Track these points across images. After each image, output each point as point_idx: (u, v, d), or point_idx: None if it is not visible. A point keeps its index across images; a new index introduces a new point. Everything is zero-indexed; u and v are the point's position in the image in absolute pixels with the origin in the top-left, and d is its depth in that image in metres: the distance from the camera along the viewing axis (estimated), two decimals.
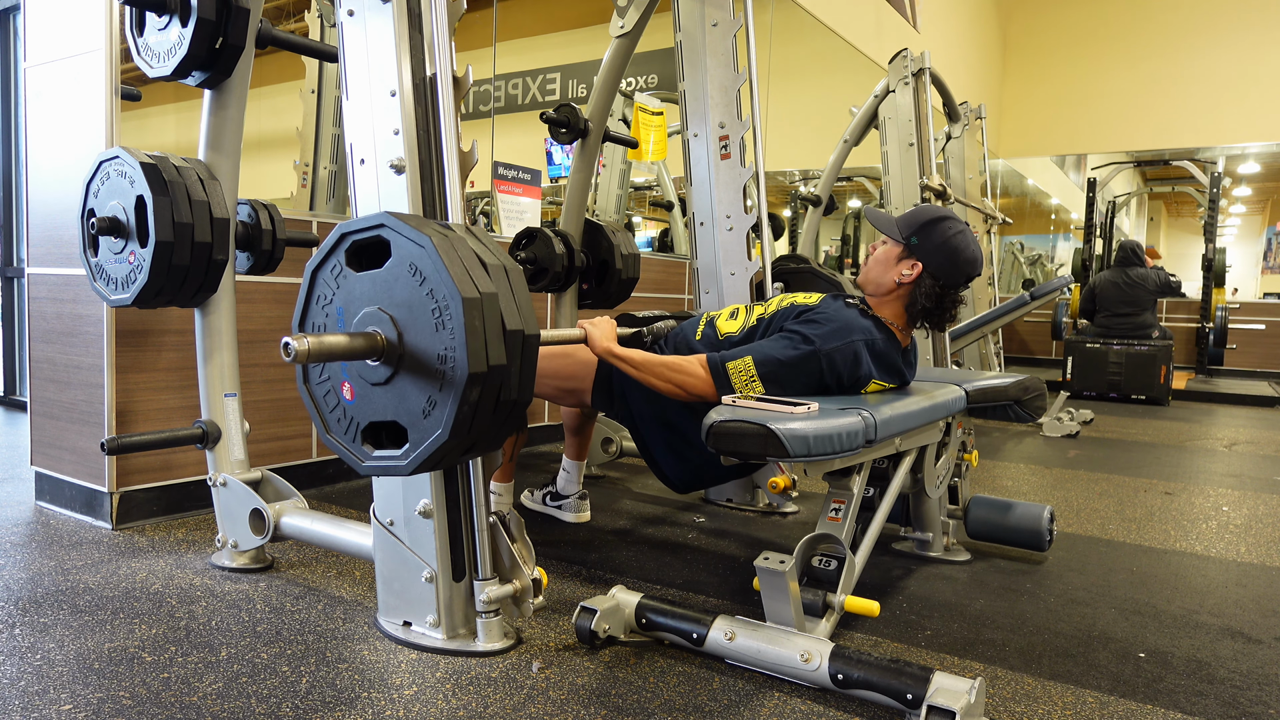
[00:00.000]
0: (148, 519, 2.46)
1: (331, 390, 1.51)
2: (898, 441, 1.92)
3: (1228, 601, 2.15)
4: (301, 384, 1.54)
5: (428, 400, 1.38)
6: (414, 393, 1.39)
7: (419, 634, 1.70)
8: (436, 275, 1.34)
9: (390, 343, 1.40)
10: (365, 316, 1.43)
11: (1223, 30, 8.79)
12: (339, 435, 1.52)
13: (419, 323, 1.37)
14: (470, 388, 1.33)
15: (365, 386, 1.45)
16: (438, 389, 1.36)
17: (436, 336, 1.35)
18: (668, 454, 2.11)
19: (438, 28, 1.67)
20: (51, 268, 2.50)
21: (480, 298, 1.35)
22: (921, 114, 4.18)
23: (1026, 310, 5.20)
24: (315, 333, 1.50)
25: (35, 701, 1.42)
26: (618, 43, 3.09)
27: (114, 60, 2.30)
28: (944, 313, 1.99)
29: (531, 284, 3.26)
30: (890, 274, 1.99)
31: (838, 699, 1.54)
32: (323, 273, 1.50)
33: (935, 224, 1.97)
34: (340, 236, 1.47)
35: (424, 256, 1.35)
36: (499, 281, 1.41)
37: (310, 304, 1.52)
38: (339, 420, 1.51)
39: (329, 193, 3.49)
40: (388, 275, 1.41)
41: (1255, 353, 8.53)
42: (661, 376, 1.89)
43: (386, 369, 1.41)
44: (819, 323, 1.91)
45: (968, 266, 1.96)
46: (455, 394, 1.34)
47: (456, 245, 1.39)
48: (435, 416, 1.37)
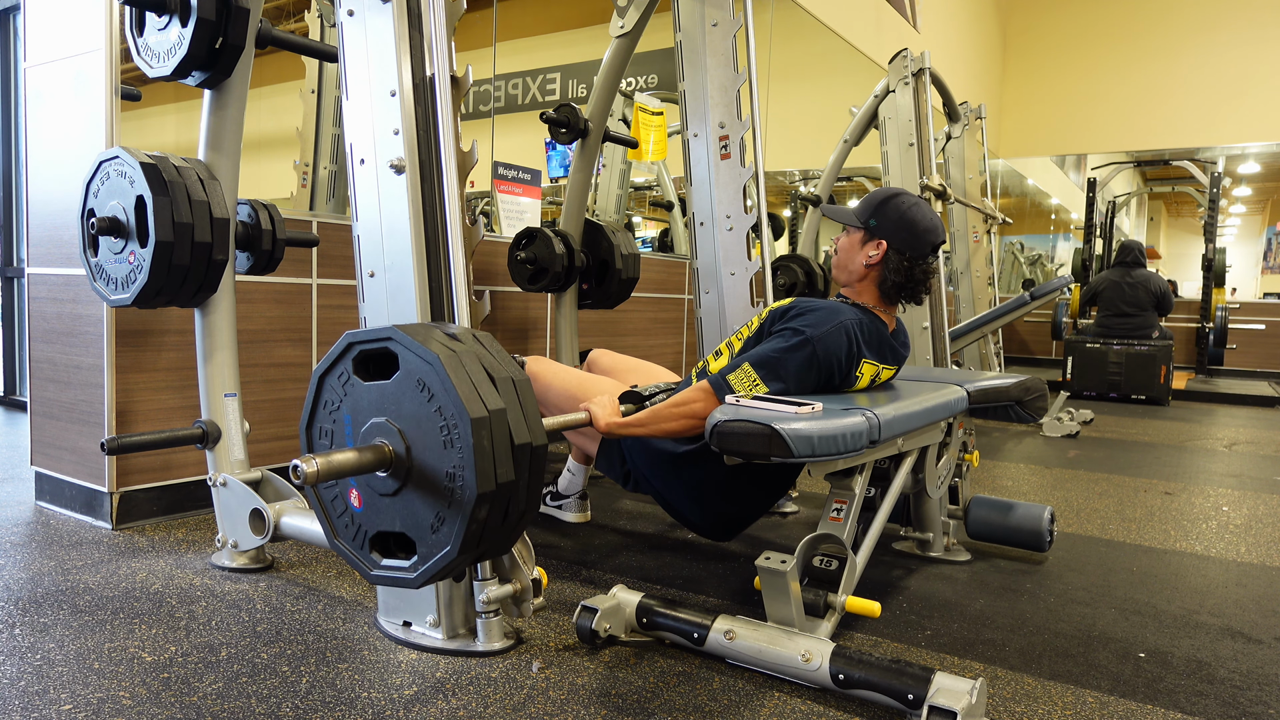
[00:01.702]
0: (148, 519, 2.46)
1: (339, 496, 1.50)
2: (900, 442, 1.92)
3: (1228, 601, 2.15)
4: (309, 491, 1.53)
5: (436, 516, 1.38)
6: (422, 507, 1.39)
7: (419, 634, 1.70)
8: (445, 394, 1.34)
9: (398, 456, 1.39)
10: (373, 427, 1.42)
11: (1223, 30, 8.79)
12: (346, 542, 1.51)
13: (427, 438, 1.37)
14: (479, 507, 1.33)
15: (373, 496, 1.44)
16: (446, 506, 1.36)
17: (445, 454, 1.35)
18: (690, 504, 2.09)
19: (437, 28, 1.67)
20: (51, 268, 2.50)
21: (489, 416, 1.34)
22: (921, 114, 4.18)
23: (1026, 310, 5.20)
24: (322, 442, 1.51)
25: (35, 701, 1.42)
26: (618, 43, 3.09)
27: (114, 60, 2.30)
28: (917, 285, 2.02)
29: (531, 284, 3.26)
30: (858, 259, 2.02)
31: (838, 699, 1.53)
32: (330, 379, 1.49)
33: (889, 201, 2.01)
34: (347, 345, 1.46)
35: (432, 374, 1.35)
36: (507, 395, 1.40)
37: (318, 409, 1.52)
38: (346, 527, 1.51)
39: (329, 193, 3.48)
40: (395, 389, 1.40)
41: (1255, 353, 8.53)
42: (670, 418, 1.88)
43: (395, 481, 1.41)
44: (804, 314, 1.93)
45: (929, 235, 1.99)
46: (464, 513, 1.34)
47: (465, 361, 1.38)
48: (444, 533, 1.37)
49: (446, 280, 1.68)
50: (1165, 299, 6.65)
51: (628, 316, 4.30)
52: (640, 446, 2.07)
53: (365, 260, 1.71)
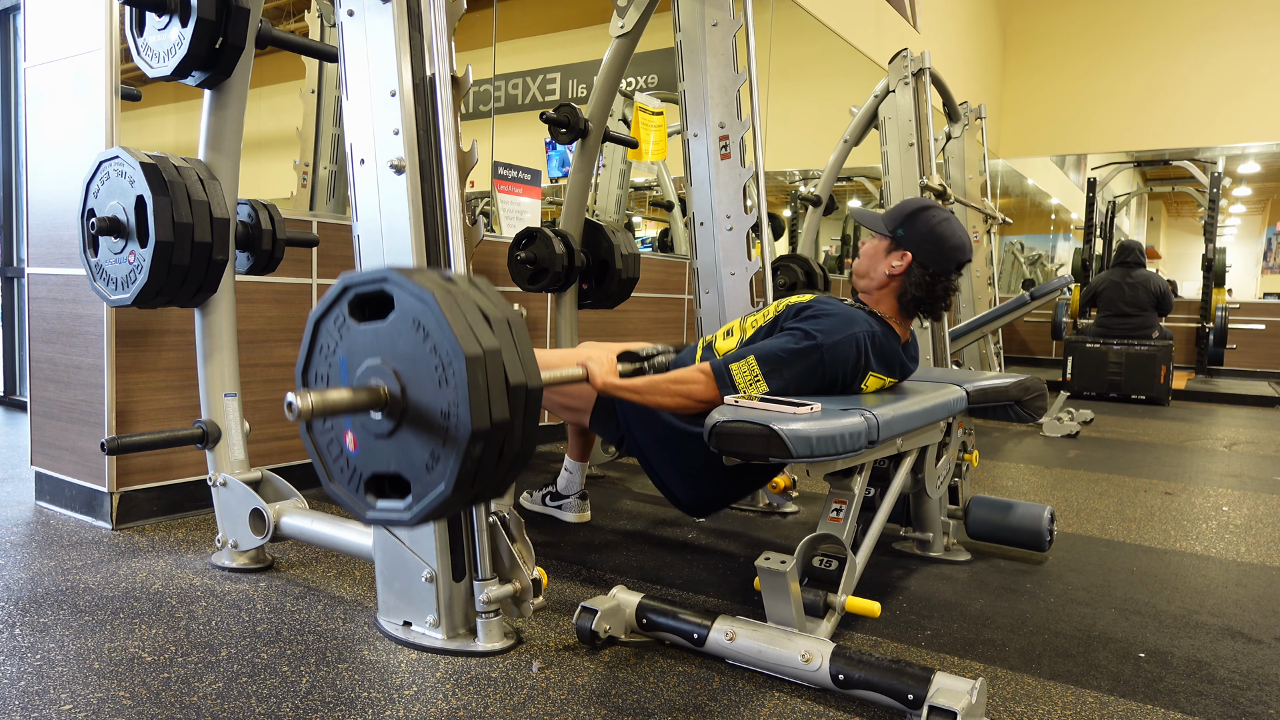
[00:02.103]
0: (148, 519, 2.46)
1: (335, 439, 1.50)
2: (899, 442, 1.92)
3: (1228, 601, 2.15)
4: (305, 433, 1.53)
5: (431, 455, 1.38)
6: (417, 446, 1.39)
7: (419, 634, 1.70)
8: (439, 332, 1.34)
9: (393, 396, 1.40)
10: (368, 369, 1.42)
11: (1223, 30, 8.79)
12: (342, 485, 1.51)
13: (422, 378, 1.37)
14: (473, 444, 1.33)
15: (368, 438, 1.45)
16: (441, 444, 1.36)
17: (440, 392, 1.35)
18: (676, 478, 2.10)
19: (437, 28, 1.67)
20: (51, 268, 2.50)
21: (483, 354, 1.34)
22: (921, 114, 4.18)
23: (1026, 310, 5.20)
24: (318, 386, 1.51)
25: (35, 701, 1.42)
26: (618, 43, 3.09)
27: (114, 60, 2.30)
28: (937, 301, 1.99)
29: (531, 284, 3.26)
30: (880, 267, 2.00)
31: (838, 699, 1.54)
32: (325, 323, 1.49)
33: (920, 213, 1.98)
34: (343, 289, 1.47)
35: (427, 312, 1.35)
36: (502, 335, 1.40)
37: (313, 353, 1.52)
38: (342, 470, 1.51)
39: (329, 193, 3.48)
40: (391, 329, 1.40)
41: (1255, 353, 8.53)
42: (666, 393, 1.88)
43: (390, 422, 1.41)
44: (819, 317, 1.91)
45: (955, 253, 1.97)
46: (458, 450, 1.34)
47: (460, 300, 1.38)
48: (438, 471, 1.37)
49: None
50: (1165, 299, 6.65)
51: (628, 316, 4.30)
52: (637, 413, 2.06)
53: (365, 260, 1.72)
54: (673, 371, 1.93)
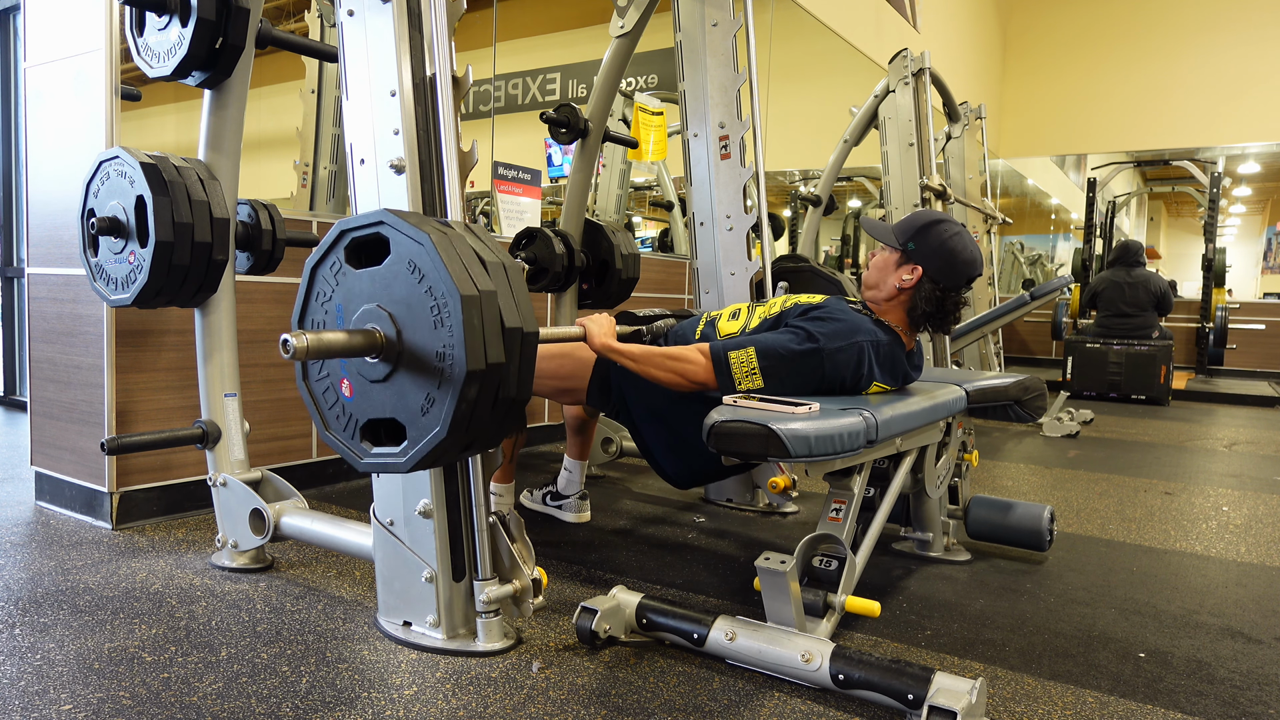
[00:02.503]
0: (148, 519, 2.46)
1: (330, 387, 1.51)
2: (898, 442, 1.92)
3: (1228, 601, 2.15)
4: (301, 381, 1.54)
5: (426, 398, 1.38)
6: (412, 390, 1.39)
7: (419, 634, 1.70)
8: (435, 273, 1.34)
9: (389, 340, 1.40)
10: (364, 314, 1.43)
11: (1223, 30, 8.79)
12: (338, 432, 1.52)
13: (418, 320, 1.37)
14: (469, 385, 1.33)
15: (364, 384, 1.45)
16: (436, 386, 1.36)
17: (435, 334, 1.35)
18: (666, 451, 2.11)
19: (437, 28, 1.67)
20: (51, 268, 2.50)
21: (479, 295, 1.35)
22: (921, 114, 4.18)
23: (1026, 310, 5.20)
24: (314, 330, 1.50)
25: (35, 701, 1.42)
26: (618, 43, 3.09)
27: (114, 60, 2.30)
28: (946, 316, 1.98)
29: (531, 284, 3.26)
30: (890, 280, 1.98)
31: (838, 699, 1.53)
32: (322, 269, 1.50)
33: (931, 227, 1.96)
34: (340, 233, 1.47)
35: (423, 254, 1.35)
36: (498, 279, 1.41)
37: (310, 300, 1.52)
38: (338, 417, 1.51)
39: (329, 193, 3.48)
40: (387, 273, 1.41)
41: (1255, 353, 8.53)
42: (662, 367, 1.88)
43: (385, 366, 1.41)
44: (825, 321, 1.90)
45: (966, 268, 1.95)
46: (454, 391, 1.34)
47: (455, 243, 1.39)
48: (433, 414, 1.37)
49: None
50: (1165, 299, 6.64)
51: None
52: (632, 383, 2.06)
53: None
54: (671, 347, 1.92)
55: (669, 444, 2.09)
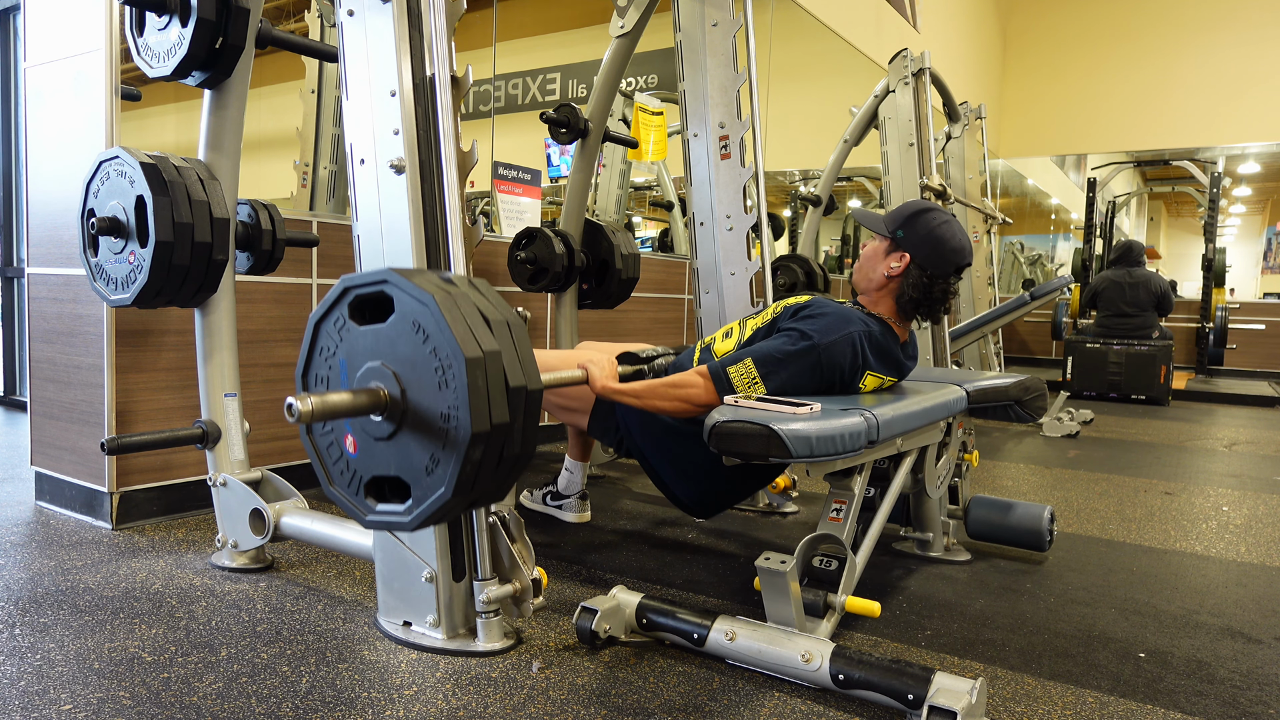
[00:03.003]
0: (148, 519, 2.46)
1: (335, 442, 1.50)
2: (899, 442, 1.92)
3: (1228, 601, 2.15)
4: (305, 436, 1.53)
5: (431, 458, 1.37)
6: (417, 449, 1.39)
7: (419, 634, 1.70)
8: (439, 334, 1.34)
9: (393, 399, 1.39)
10: (368, 371, 1.42)
11: (1223, 30, 8.79)
12: (342, 488, 1.51)
13: (422, 380, 1.37)
14: (473, 447, 1.33)
15: (368, 440, 1.44)
16: (441, 447, 1.36)
17: (440, 395, 1.35)
18: (677, 479, 2.10)
19: (437, 28, 1.67)
20: (51, 268, 2.50)
21: (483, 356, 1.34)
22: (921, 114, 4.18)
23: (1026, 310, 5.20)
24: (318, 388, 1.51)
25: (35, 701, 1.42)
26: (618, 43, 3.09)
27: (114, 60, 2.30)
28: (934, 303, 1.99)
29: (531, 284, 3.26)
30: (879, 268, 2.00)
31: (838, 699, 1.53)
32: (326, 325, 1.49)
33: (920, 215, 1.99)
34: (343, 290, 1.46)
35: (426, 314, 1.35)
36: (502, 337, 1.40)
37: (313, 355, 1.52)
38: (342, 473, 1.51)
39: (329, 193, 3.48)
40: (391, 331, 1.40)
41: (1255, 353, 8.53)
42: (665, 397, 1.89)
43: (390, 425, 1.41)
44: (815, 317, 1.92)
45: (955, 255, 1.97)
46: (458, 453, 1.33)
47: (459, 302, 1.38)
48: (438, 474, 1.37)
49: None
50: (1165, 299, 6.64)
51: (628, 316, 4.30)
52: (636, 415, 2.06)
53: (365, 260, 1.71)
54: (671, 376, 1.93)
55: (680, 470, 2.08)
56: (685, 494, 2.11)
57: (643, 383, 1.93)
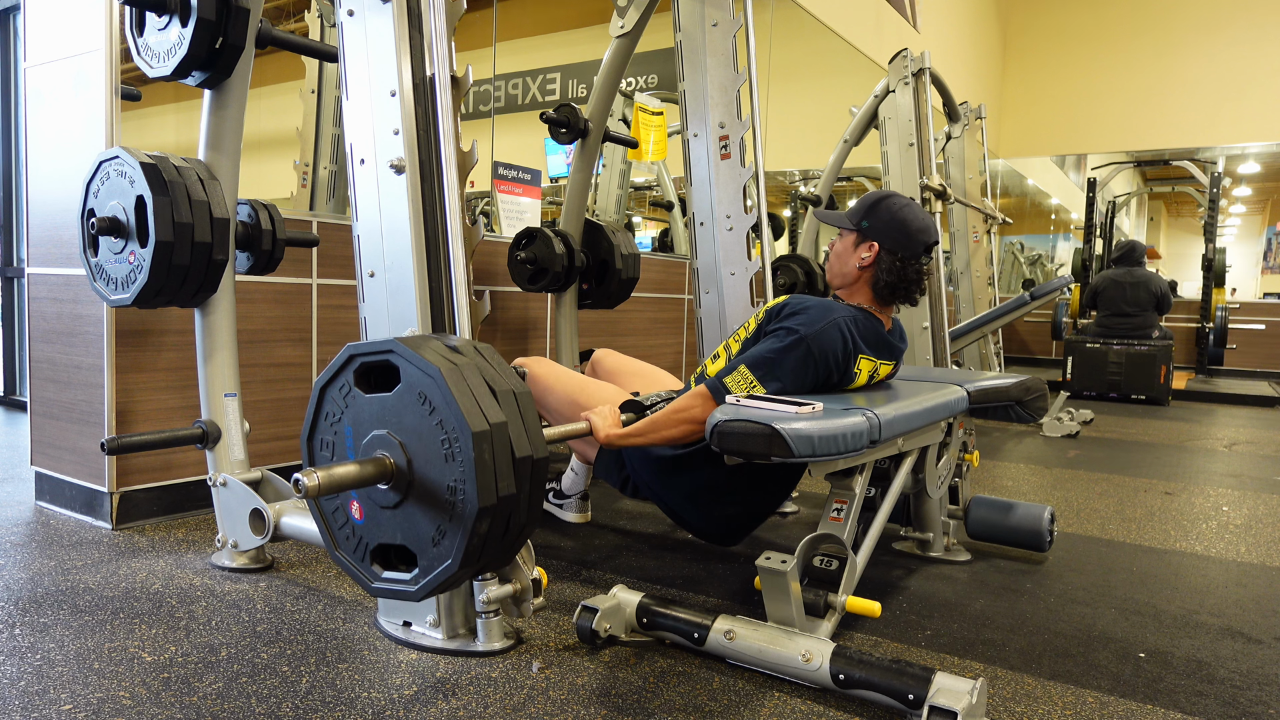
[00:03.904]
0: (148, 519, 2.46)
1: (340, 508, 1.50)
2: (900, 442, 1.92)
3: (1228, 601, 2.15)
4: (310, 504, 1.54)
5: (437, 529, 1.38)
6: (423, 520, 1.39)
7: (419, 634, 1.70)
8: (446, 408, 1.33)
9: (399, 469, 1.39)
10: (374, 439, 1.42)
11: (1223, 30, 8.79)
12: (347, 554, 1.51)
13: (428, 451, 1.36)
14: (480, 520, 1.33)
15: (374, 508, 1.44)
16: (448, 519, 1.36)
17: (446, 467, 1.34)
18: (693, 509, 2.10)
19: (437, 28, 1.67)
20: (51, 268, 2.50)
21: (490, 430, 1.34)
22: (921, 114, 4.18)
23: (1026, 310, 5.20)
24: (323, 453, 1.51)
25: (35, 701, 1.42)
26: (618, 43, 3.09)
27: (114, 60, 2.30)
28: (910, 285, 2.01)
29: (531, 284, 3.26)
30: (851, 261, 2.03)
31: (838, 699, 1.53)
32: (331, 390, 1.49)
33: (881, 202, 2.02)
34: (349, 358, 1.46)
35: (433, 387, 1.35)
36: (508, 408, 1.40)
37: (319, 420, 1.52)
38: (347, 539, 1.51)
39: (329, 193, 3.48)
40: (397, 401, 1.40)
41: (1255, 353, 8.53)
42: (669, 424, 1.89)
43: (396, 494, 1.41)
44: (798, 313, 1.94)
45: (921, 235, 1.99)
46: (465, 526, 1.34)
47: (466, 374, 1.37)
48: (445, 546, 1.37)
49: (447, 280, 1.68)
50: (1165, 299, 6.65)
51: (628, 316, 4.30)
52: (638, 452, 2.07)
53: (365, 260, 1.71)
54: (670, 404, 1.93)
55: (693, 500, 2.07)
56: (701, 522, 2.11)
57: (646, 420, 1.93)
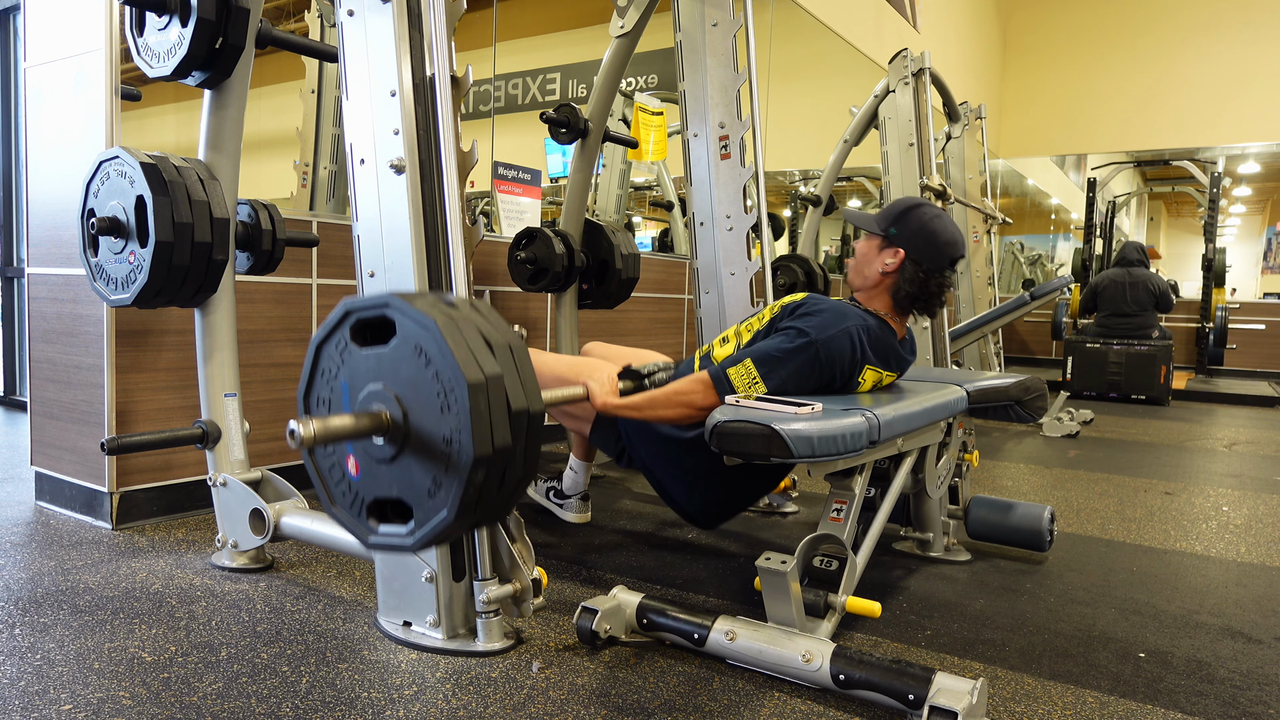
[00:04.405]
0: (148, 519, 2.46)
1: (337, 464, 1.51)
2: (900, 442, 1.92)
3: (1228, 601, 2.15)
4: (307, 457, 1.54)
5: (433, 480, 1.38)
6: (419, 472, 1.39)
7: (419, 634, 1.70)
8: (442, 358, 1.34)
9: (395, 422, 1.40)
10: (370, 394, 1.42)
11: (1223, 30, 8.79)
12: (344, 509, 1.51)
13: (424, 403, 1.37)
14: (476, 470, 1.33)
15: (370, 462, 1.45)
16: (443, 470, 1.36)
17: (442, 419, 1.35)
18: (680, 488, 2.10)
19: (437, 28, 1.67)
20: (51, 268, 2.50)
21: (486, 381, 1.34)
22: (921, 114, 4.18)
23: (1026, 310, 5.20)
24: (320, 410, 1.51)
25: (35, 701, 1.42)
26: (618, 43, 3.09)
27: (114, 60, 2.30)
28: (931, 298, 2.00)
29: (531, 284, 3.26)
30: (874, 265, 2.01)
31: (838, 699, 1.53)
32: (327, 347, 1.49)
33: (911, 211, 2.00)
34: (345, 313, 1.47)
35: (429, 339, 1.35)
36: (504, 361, 1.40)
37: (315, 377, 1.52)
38: (344, 494, 1.51)
39: (329, 193, 3.48)
40: (393, 354, 1.40)
41: (1255, 353, 8.53)
42: (667, 405, 1.89)
43: (392, 447, 1.41)
44: (812, 314, 1.92)
45: (948, 248, 1.98)
46: (461, 477, 1.34)
47: (462, 326, 1.38)
48: (441, 497, 1.37)
49: (446, 280, 1.69)
50: (1164, 298, 6.65)
51: (628, 316, 4.30)
52: (638, 426, 2.07)
53: (365, 260, 1.71)
54: (672, 384, 1.93)
55: (683, 481, 2.08)
56: (689, 503, 2.11)
57: (644, 394, 1.94)
